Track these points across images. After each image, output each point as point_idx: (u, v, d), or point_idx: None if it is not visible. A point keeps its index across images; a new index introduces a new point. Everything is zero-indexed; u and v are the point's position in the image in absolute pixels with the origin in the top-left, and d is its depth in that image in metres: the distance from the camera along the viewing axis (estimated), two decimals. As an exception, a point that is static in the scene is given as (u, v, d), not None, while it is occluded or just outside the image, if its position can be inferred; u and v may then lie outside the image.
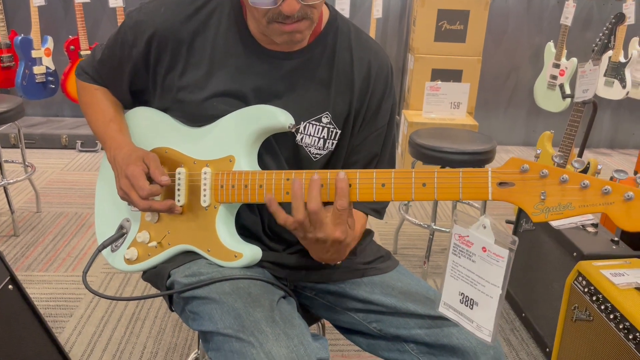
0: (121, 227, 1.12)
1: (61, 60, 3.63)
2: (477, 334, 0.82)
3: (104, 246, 1.10)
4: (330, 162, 1.10)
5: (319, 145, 1.06)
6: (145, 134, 1.11)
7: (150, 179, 0.99)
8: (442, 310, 0.87)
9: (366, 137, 1.09)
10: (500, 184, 0.80)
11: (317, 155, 1.07)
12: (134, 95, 1.14)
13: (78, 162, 3.51)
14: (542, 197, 0.77)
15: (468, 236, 0.81)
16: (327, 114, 1.05)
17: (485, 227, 0.79)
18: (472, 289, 0.82)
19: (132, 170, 0.98)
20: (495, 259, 0.79)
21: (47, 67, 3.56)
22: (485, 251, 0.79)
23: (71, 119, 3.99)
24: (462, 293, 0.84)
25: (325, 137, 1.06)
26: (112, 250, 1.12)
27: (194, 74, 1.03)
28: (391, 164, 1.15)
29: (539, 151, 2.22)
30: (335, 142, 1.07)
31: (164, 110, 1.09)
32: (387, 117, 1.11)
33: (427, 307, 1.02)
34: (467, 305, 0.83)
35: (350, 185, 0.88)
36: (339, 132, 1.07)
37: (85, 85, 1.18)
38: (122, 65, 1.09)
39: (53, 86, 3.62)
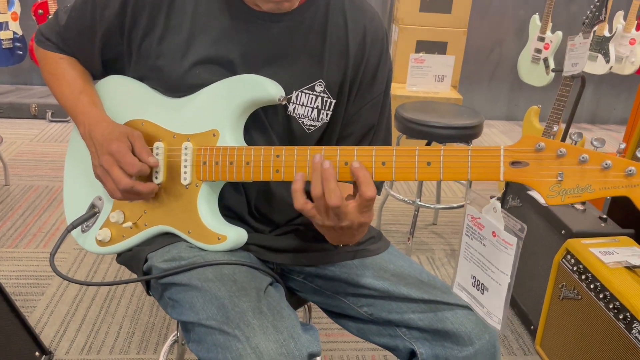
0: (93, 206, 1.03)
1: (29, 25, 3.46)
2: (487, 320, 0.79)
3: (73, 226, 1.01)
4: (325, 135, 1.03)
5: (312, 115, 0.98)
6: (118, 105, 1.01)
7: None
8: (457, 291, 0.84)
9: (362, 106, 1.02)
10: (513, 163, 0.74)
11: (311, 127, 0.99)
12: (104, 64, 1.04)
13: (49, 133, 3.37)
14: (559, 179, 0.71)
15: (480, 218, 0.76)
16: (320, 81, 0.97)
17: (495, 211, 0.74)
18: (483, 273, 0.78)
19: (117, 146, 0.90)
20: (504, 246, 0.74)
21: (14, 32, 3.39)
22: (495, 236, 0.75)
23: (41, 87, 3.84)
24: (474, 276, 0.80)
25: (320, 107, 0.98)
26: (83, 231, 1.04)
27: (174, 38, 0.94)
28: (387, 137, 1.08)
29: (555, 128, 2.16)
30: (329, 112, 1.00)
31: (140, 79, 0.99)
32: (384, 85, 1.04)
33: (420, 290, 0.97)
34: (478, 289, 0.80)
35: (346, 164, 0.81)
36: (334, 101, 0.99)
37: (48, 54, 1.06)
38: (92, 30, 0.98)
39: (21, 52, 3.45)
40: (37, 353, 1.50)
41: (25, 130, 3.38)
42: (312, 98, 0.97)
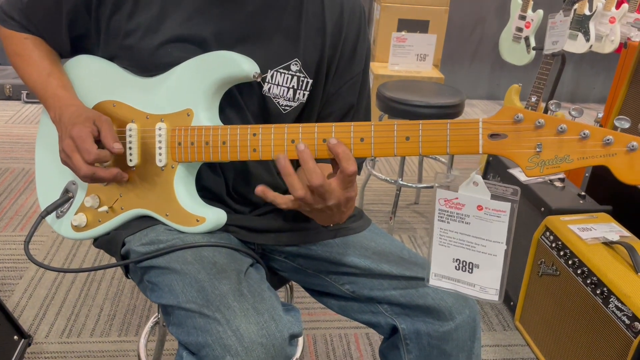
0: (66, 191, 1.00)
1: None
2: (481, 297, 0.78)
3: (47, 212, 0.98)
4: (302, 115, 1.01)
5: (288, 96, 0.96)
6: (88, 86, 0.98)
7: (100, 145, 0.88)
8: (434, 283, 0.81)
9: (341, 86, 1.01)
10: (492, 135, 0.73)
11: (286, 108, 0.97)
12: (73, 42, 1.00)
13: (24, 114, 3.29)
14: (538, 150, 0.71)
15: (457, 198, 0.75)
16: (296, 60, 0.95)
17: (477, 185, 0.73)
18: (470, 252, 0.77)
19: (78, 131, 0.86)
20: (495, 215, 0.73)
21: (-16, 10, 3.28)
22: (481, 209, 0.74)
23: (14, 67, 3.72)
24: (457, 259, 0.78)
25: (295, 87, 0.96)
26: (58, 217, 1.01)
27: (145, 15, 0.90)
28: (367, 116, 1.07)
29: (534, 99, 2.15)
30: (306, 92, 0.98)
31: (110, 58, 0.96)
32: (363, 64, 1.02)
33: (401, 267, 0.98)
34: (465, 271, 0.78)
35: (324, 141, 0.80)
36: (310, 81, 0.98)
37: (12, 34, 1.01)
38: (58, 7, 0.94)
39: (-8, 31, 3.34)
40: (15, 337, 1.48)
41: (-1, 112, 3.31)
42: (287, 77, 0.95)
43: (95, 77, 0.97)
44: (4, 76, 3.55)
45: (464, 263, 0.78)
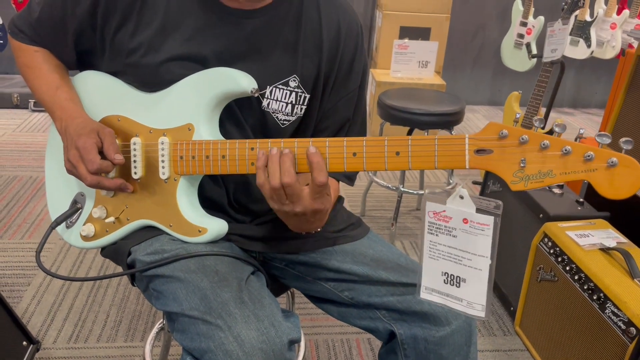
0: (75, 202, 1.04)
1: (9, 14, 3.40)
2: (468, 312, 0.79)
3: (57, 223, 1.02)
4: (299, 129, 1.04)
5: (286, 111, 1.00)
6: (94, 101, 1.02)
7: (103, 155, 0.92)
8: (425, 296, 0.82)
9: (337, 101, 1.04)
10: (478, 151, 0.75)
11: (285, 122, 1.01)
12: (79, 55, 1.04)
13: (31, 123, 3.34)
14: (522, 165, 0.73)
15: (444, 211, 0.77)
16: (294, 77, 0.99)
17: (463, 198, 0.75)
18: (457, 265, 0.78)
19: (83, 142, 0.90)
20: (479, 229, 0.75)
21: (-6, 21, 3.33)
22: (467, 223, 0.76)
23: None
24: (445, 273, 0.80)
25: (294, 102, 1.00)
26: (67, 227, 1.05)
27: (147, 34, 0.94)
28: (362, 129, 1.10)
29: (537, 123, 2.20)
30: (304, 107, 1.01)
31: (114, 74, 1.00)
32: (359, 80, 1.05)
33: (399, 274, 1.00)
34: (453, 285, 0.79)
35: None
36: (308, 96, 1.01)
37: (23, 47, 1.06)
38: (64, 26, 0.98)
39: (2, 41, 3.39)
40: (24, 343, 1.52)
41: (7, 121, 3.35)
42: (286, 93, 0.99)
43: (101, 93, 1.01)
44: (11, 85, 3.60)
45: (452, 277, 0.79)
